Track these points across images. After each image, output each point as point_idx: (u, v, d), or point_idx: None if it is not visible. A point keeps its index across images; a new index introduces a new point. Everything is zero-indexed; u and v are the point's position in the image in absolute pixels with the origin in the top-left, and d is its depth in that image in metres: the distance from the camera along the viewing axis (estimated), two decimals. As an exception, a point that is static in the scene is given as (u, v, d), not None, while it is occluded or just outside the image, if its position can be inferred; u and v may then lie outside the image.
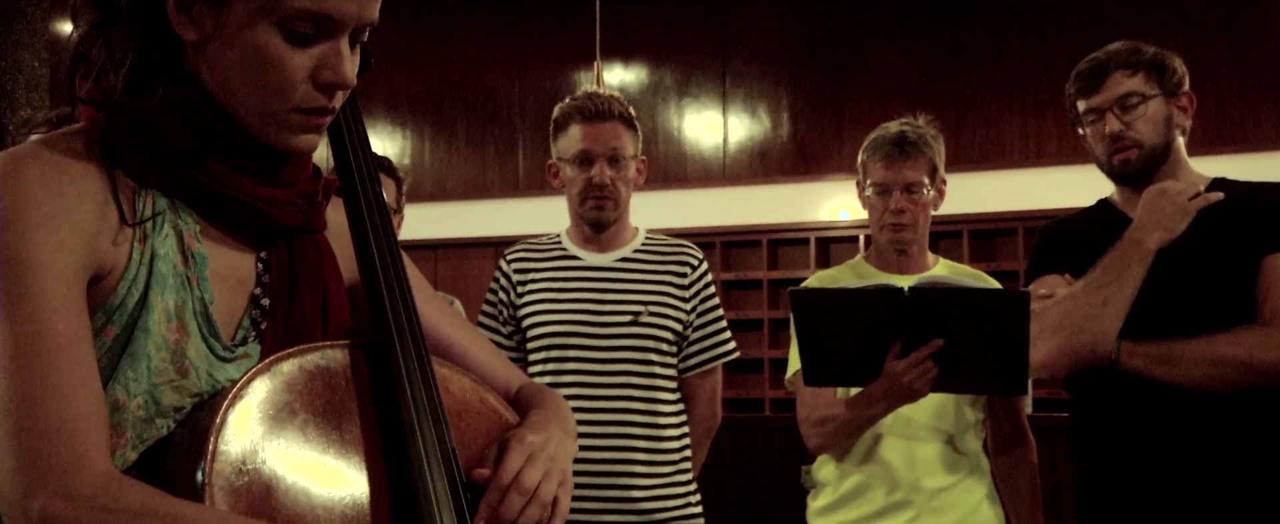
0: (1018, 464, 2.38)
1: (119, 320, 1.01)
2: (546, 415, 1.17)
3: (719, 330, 2.48)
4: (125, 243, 1.02)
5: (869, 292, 2.05)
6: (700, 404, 2.48)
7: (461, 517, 1.02)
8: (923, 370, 2.04)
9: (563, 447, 1.12)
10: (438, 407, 1.07)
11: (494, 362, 1.28)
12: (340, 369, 1.05)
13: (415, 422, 1.04)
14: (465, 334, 1.28)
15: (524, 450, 1.07)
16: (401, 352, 1.07)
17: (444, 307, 1.28)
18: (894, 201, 2.35)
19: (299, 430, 1.00)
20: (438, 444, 1.04)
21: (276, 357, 1.02)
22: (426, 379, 1.08)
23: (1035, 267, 2.19)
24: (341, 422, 1.03)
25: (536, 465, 1.07)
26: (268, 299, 1.10)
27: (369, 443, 1.03)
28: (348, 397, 1.04)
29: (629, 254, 2.46)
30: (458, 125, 7.06)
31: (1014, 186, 5.86)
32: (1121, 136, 2.09)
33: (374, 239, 1.13)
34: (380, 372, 1.07)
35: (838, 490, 2.33)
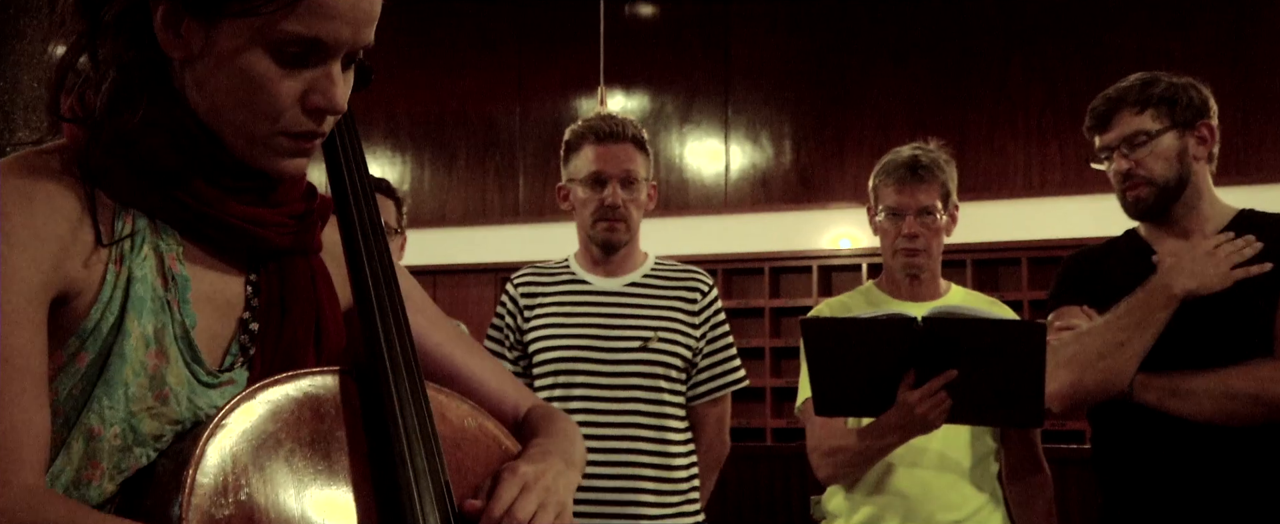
0: (1033, 494, 2.34)
1: (93, 346, 0.97)
2: (548, 445, 1.12)
3: (728, 358, 2.44)
4: (99, 264, 0.98)
5: (881, 321, 2.02)
6: (708, 433, 2.43)
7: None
8: (936, 401, 2.01)
9: (562, 477, 1.07)
10: (431, 435, 1.03)
11: (503, 384, 1.24)
12: (329, 396, 1.01)
13: (406, 451, 1.00)
14: (472, 357, 1.24)
15: (517, 482, 1.02)
16: (393, 377, 1.03)
17: (450, 329, 1.24)
18: (907, 226, 2.32)
19: (284, 461, 0.95)
20: (429, 475, 1.00)
21: (261, 384, 0.98)
22: (419, 406, 1.03)
23: (1057, 297, 2.16)
24: (330, 451, 0.98)
25: (531, 497, 1.02)
26: (257, 323, 1.06)
27: (359, 474, 0.99)
28: (337, 425, 1.00)
29: (638, 279, 2.42)
30: (458, 151, 7.04)
31: (1017, 216, 5.83)
32: (1131, 175, 2.07)
33: (367, 261, 1.08)
34: (371, 399, 1.02)
35: (850, 521, 2.28)
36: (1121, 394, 1.97)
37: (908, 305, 2.33)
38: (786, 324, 6.22)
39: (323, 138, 1.05)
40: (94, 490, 0.96)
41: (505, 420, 1.20)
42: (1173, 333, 1.97)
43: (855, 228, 6.31)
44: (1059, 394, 2.00)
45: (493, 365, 1.26)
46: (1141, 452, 2.03)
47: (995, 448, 2.31)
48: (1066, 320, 2.08)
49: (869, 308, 2.35)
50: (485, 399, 1.19)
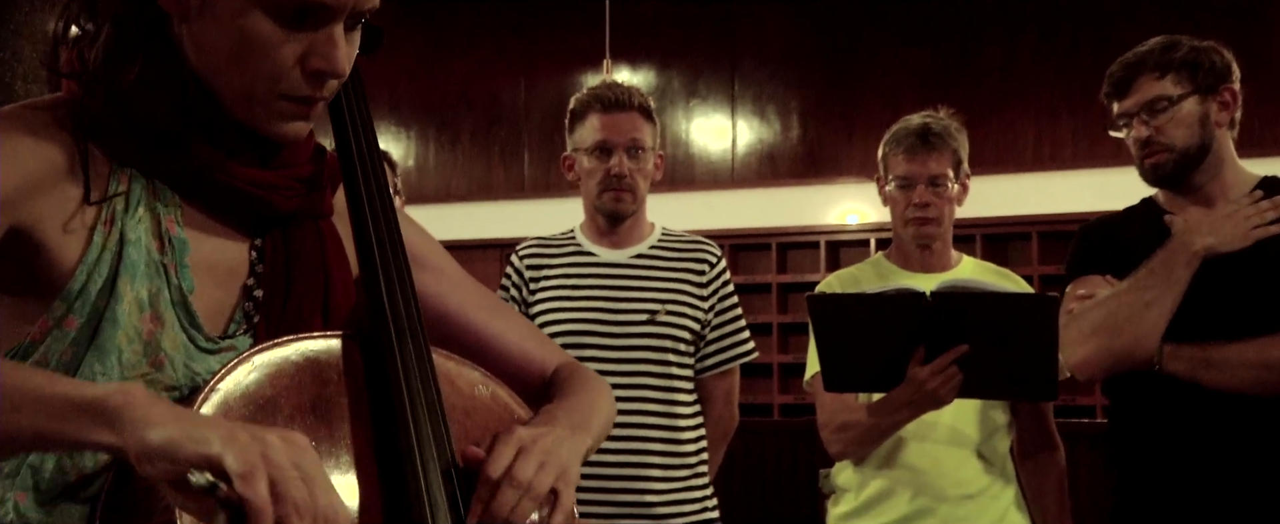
0: (1046, 469, 2.31)
1: (82, 310, 0.93)
2: (557, 411, 1.08)
3: (738, 330, 2.40)
4: (83, 225, 0.94)
5: (889, 296, 1.98)
6: (717, 405, 2.40)
7: (457, 515, 0.95)
8: (947, 377, 1.97)
9: (565, 442, 1.03)
10: (436, 401, 0.99)
11: (528, 343, 1.20)
12: (331, 361, 0.97)
13: (410, 418, 0.96)
14: (495, 317, 1.19)
15: (513, 443, 0.98)
16: (397, 342, 1.00)
17: (473, 290, 1.20)
18: (917, 196, 2.29)
19: (283, 427, 0.91)
20: (434, 442, 0.96)
21: (260, 347, 0.95)
22: (424, 372, 1.00)
23: (1075, 266, 2.12)
24: (331, 418, 0.95)
25: (530, 457, 0.98)
26: (261, 290, 1.03)
27: (361, 441, 0.95)
28: (339, 391, 0.96)
29: (645, 251, 2.38)
30: (462, 127, 7.00)
31: (1027, 190, 5.78)
32: (1151, 141, 2.02)
33: (373, 224, 1.05)
34: (375, 364, 0.99)
35: (859, 496, 2.25)
36: (1148, 362, 1.93)
37: (918, 277, 2.29)
38: (794, 300, 6.19)
39: (326, 102, 1.01)
40: (88, 459, 0.93)
41: (531, 381, 1.17)
42: (1197, 302, 1.93)
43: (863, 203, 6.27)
44: (1085, 363, 1.96)
45: (519, 325, 1.22)
46: (1162, 426, 1.99)
47: (1007, 422, 2.28)
48: (1087, 288, 2.04)
49: (878, 280, 2.32)
50: (509, 360, 1.16)
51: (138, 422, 0.77)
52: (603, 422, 1.15)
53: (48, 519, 0.91)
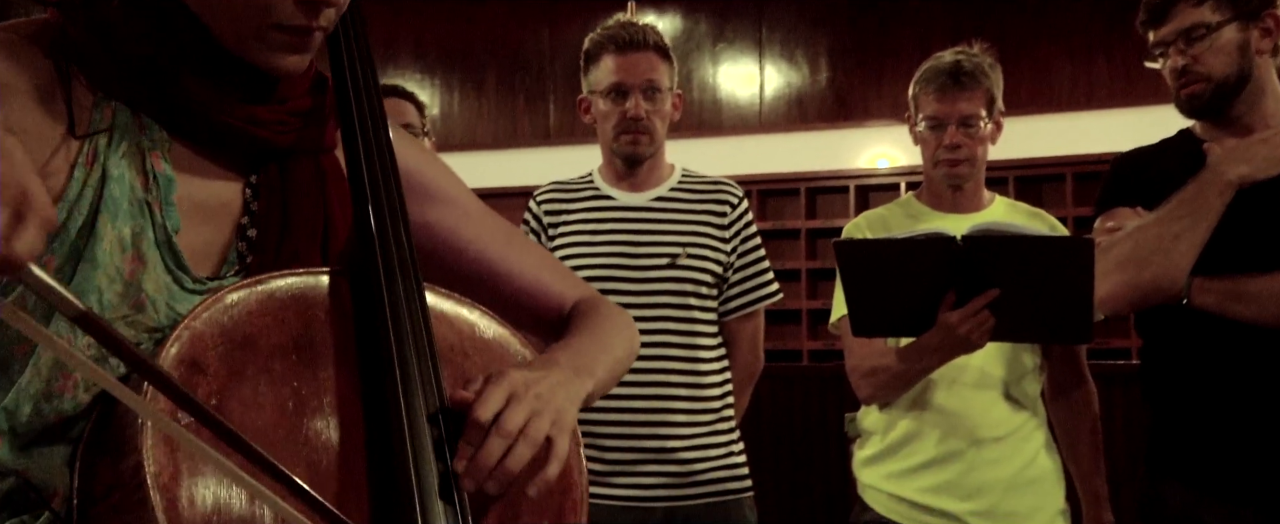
0: (1078, 412, 2.26)
1: (60, 250, 0.89)
2: (559, 353, 1.03)
3: (761, 271, 2.35)
4: (65, 159, 0.89)
5: (919, 241, 1.93)
6: (742, 349, 2.36)
7: (447, 466, 0.90)
8: (978, 321, 1.93)
9: (562, 386, 0.97)
10: (427, 341, 0.94)
11: (546, 275, 1.15)
12: (317, 298, 0.92)
13: (395, 358, 0.91)
14: (511, 248, 1.14)
15: (504, 388, 0.93)
16: (386, 279, 0.94)
17: (490, 221, 1.15)
18: (949, 136, 2.22)
19: (262, 365, 0.87)
20: (422, 383, 0.91)
21: (241, 282, 0.90)
22: (413, 310, 0.94)
23: (1105, 199, 2.05)
24: (315, 357, 0.90)
25: (521, 404, 0.92)
26: (255, 229, 0.98)
27: (346, 383, 0.91)
28: (324, 329, 0.92)
29: (665, 193, 2.34)
30: (487, 75, 6.94)
31: (1063, 131, 5.66)
32: (1187, 71, 1.94)
33: (366, 155, 1.00)
34: (364, 302, 0.94)
35: (886, 439, 2.22)
36: (1177, 296, 1.86)
37: (949, 218, 2.24)
38: (822, 246, 6.13)
39: (325, 33, 0.97)
40: (68, 402, 0.89)
41: (548, 315, 1.13)
42: (1230, 234, 1.86)
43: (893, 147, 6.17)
44: (1111, 297, 1.90)
45: (536, 257, 1.17)
46: (1194, 363, 1.93)
47: (1038, 364, 2.23)
48: (1116, 221, 1.98)
49: (908, 221, 2.26)
50: (525, 294, 1.12)
51: None
52: (615, 361, 1.09)
53: (27, 463, 0.88)
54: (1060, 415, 2.27)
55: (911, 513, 2.17)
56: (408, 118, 2.39)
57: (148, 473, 0.79)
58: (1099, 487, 2.22)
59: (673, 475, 2.22)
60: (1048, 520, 2.16)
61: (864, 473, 2.26)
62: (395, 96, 2.44)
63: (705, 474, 2.24)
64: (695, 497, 2.23)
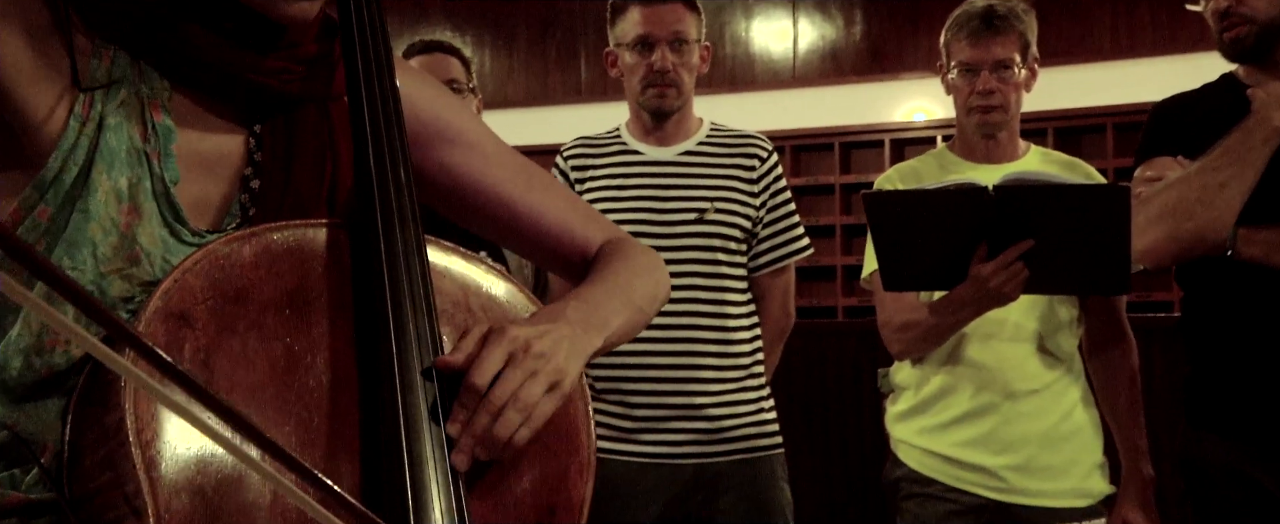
0: (1116, 365, 2.21)
1: (53, 200, 0.86)
2: (566, 307, 0.98)
3: (791, 226, 2.32)
4: (63, 106, 0.87)
5: (949, 192, 1.89)
6: (772, 305, 2.34)
7: (437, 419, 0.87)
8: (1012, 273, 1.88)
9: (564, 343, 0.92)
10: (425, 295, 0.90)
11: (571, 218, 1.11)
12: (315, 251, 0.89)
13: (392, 314, 0.87)
14: (534, 190, 1.11)
15: (503, 348, 0.88)
16: (384, 231, 0.91)
17: (512, 163, 1.11)
18: (981, 82, 2.17)
19: (253, 319, 0.84)
20: (418, 340, 0.88)
21: (235, 234, 0.87)
22: (413, 263, 0.91)
23: (1146, 147, 2.00)
24: (310, 313, 0.87)
25: (518, 367, 0.88)
26: (258, 181, 0.95)
27: (341, 339, 0.88)
28: (320, 283, 0.88)
29: (693, 147, 2.30)
30: (517, 31, 6.89)
31: (1103, 80, 5.53)
32: (1230, 13, 1.87)
33: (368, 102, 0.96)
34: (363, 255, 0.91)
35: (918, 394, 2.19)
36: (1221, 248, 1.81)
37: (982, 169, 2.19)
38: (857, 201, 6.05)
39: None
40: (60, 356, 0.88)
41: (572, 259, 1.10)
42: (1275, 182, 1.80)
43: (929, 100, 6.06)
44: (1152, 250, 1.85)
45: (560, 199, 1.13)
46: (1237, 314, 1.88)
47: (1075, 316, 2.18)
48: (1156, 171, 1.92)
49: (940, 172, 2.22)
50: (548, 236, 1.09)
51: None
52: (635, 308, 1.05)
53: (18, 417, 0.87)
54: (1098, 368, 2.23)
55: (945, 468, 2.14)
56: (452, 73, 2.35)
57: (129, 429, 0.78)
58: (1138, 440, 2.18)
59: (702, 432, 2.20)
60: (1085, 474, 2.13)
61: (897, 428, 2.24)
62: (440, 52, 2.40)
63: (735, 431, 2.22)
64: (725, 453, 2.22)
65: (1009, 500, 2.10)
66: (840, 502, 3.67)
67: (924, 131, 5.98)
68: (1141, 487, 2.15)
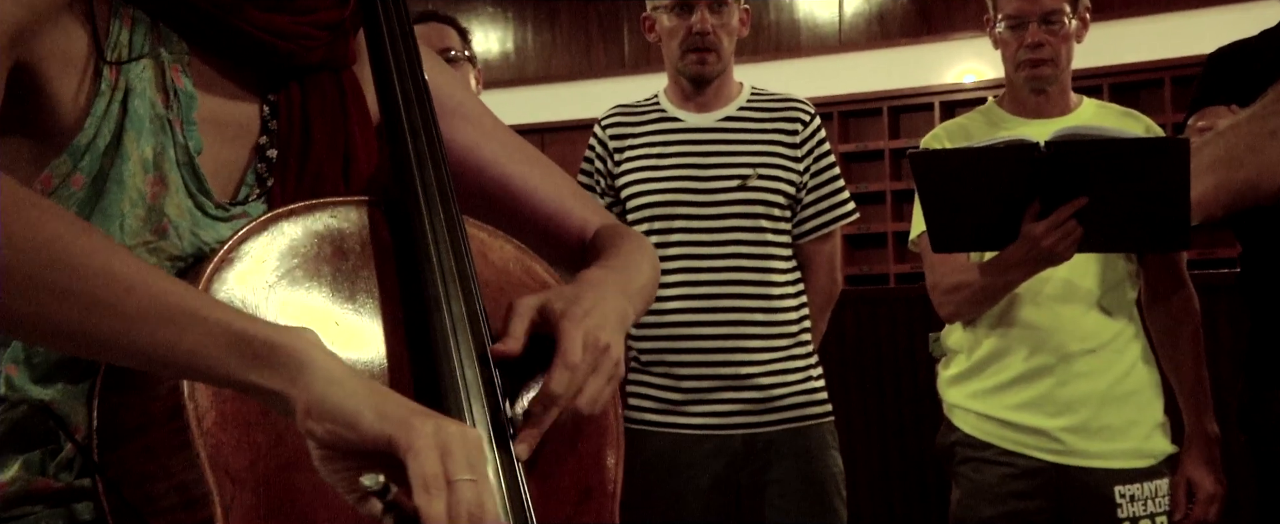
0: (1177, 317, 2.14)
1: (88, 168, 0.84)
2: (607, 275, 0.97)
3: (836, 191, 2.28)
4: (87, 72, 0.85)
5: (998, 149, 1.84)
6: (819, 272, 2.29)
7: (494, 404, 0.85)
8: (1065, 231, 1.83)
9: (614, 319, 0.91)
10: (469, 277, 0.89)
11: (566, 199, 1.09)
12: (353, 231, 0.88)
13: (442, 294, 0.86)
14: (532, 169, 1.09)
15: (588, 359, 0.86)
16: (427, 210, 0.89)
17: (510, 140, 1.09)
18: (1030, 35, 2.11)
19: (300, 300, 0.83)
20: (469, 322, 0.87)
21: (274, 214, 0.85)
22: (456, 243, 0.89)
23: (1200, 96, 1.92)
24: (354, 294, 0.86)
25: (601, 376, 0.87)
26: (275, 150, 0.93)
27: (388, 319, 0.87)
28: (362, 263, 0.87)
29: (734, 112, 2.26)
30: (560, 6, 6.87)
31: (1161, 33, 5.38)
32: None
33: (397, 75, 0.94)
34: (402, 234, 0.89)
35: (971, 357, 2.15)
36: (1273, 197, 1.74)
37: (1032, 124, 2.13)
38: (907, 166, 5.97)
39: None
40: None
41: (568, 240, 1.08)
42: None
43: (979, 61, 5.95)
44: (1203, 200, 1.78)
45: (557, 180, 1.11)
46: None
47: (1133, 270, 2.12)
48: (1209, 120, 1.85)
49: (990, 129, 2.16)
50: (546, 216, 1.07)
51: (315, 374, 0.70)
52: (647, 297, 1.03)
53: (51, 394, 0.85)
54: (1158, 323, 2.15)
55: (1000, 431, 2.09)
56: (448, 42, 2.33)
57: (189, 417, 0.76)
58: (1201, 396, 2.11)
59: (750, 402, 2.18)
60: (1146, 434, 2.07)
61: (950, 392, 2.19)
62: (436, 21, 2.38)
63: (784, 400, 2.19)
64: (774, 423, 2.19)
65: (1067, 463, 2.05)
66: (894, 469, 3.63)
67: (974, 93, 5.87)
68: (1206, 445, 2.08)
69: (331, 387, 0.70)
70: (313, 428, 0.71)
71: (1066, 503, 2.06)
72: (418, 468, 0.68)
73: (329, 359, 0.72)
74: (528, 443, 0.85)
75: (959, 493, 2.16)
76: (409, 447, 0.69)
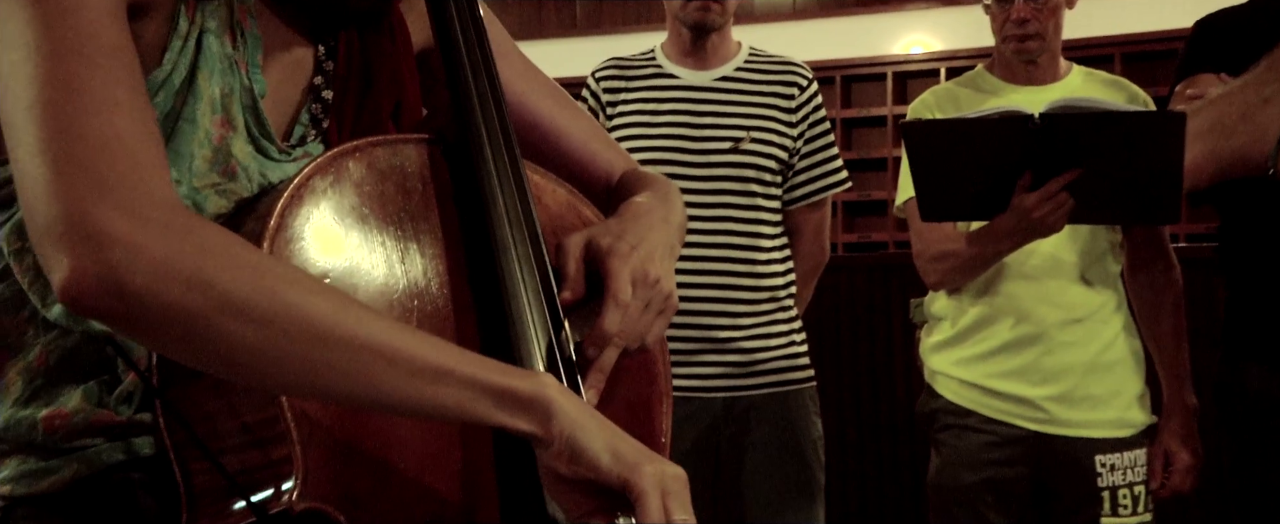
0: (1159, 287, 2.16)
1: (162, 105, 0.81)
2: (651, 211, 0.95)
3: (829, 159, 2.26)
4: (166, 13, 0.82)
5: (992, 121, 1.84)
6: (806, 240, 2.28)
7: (564, 349, 0.85)
8: (1057, 203, 1.84)
9: (661, 252, 0.91)
10: (533, 221, 0.88)
11: (594, 143, 1.07)
12: (415, 170, 0.86)
13: (509, 238, 0.85)
14: (562, 110, 1.06)
15: (640, 295, 0.87)
16: (491, 151, 0.87)
17: (539, 77, 1.07)
18: (1016, 10, 2.10)
19: (368, 239, 0.81)
20: (536, 264, 0.86)
21: (339, 150, 0.83)
22: (520, 186, 0.88)
23: (1187, 64, 1.93)
24: (418, 234, 0.84)
25: (652, 311, 0.89)
26: (330, 91, 0.91)
27: (452, 261, 0.85)
28: (426, 203, 0.85)
29: (730, 73, 2.23)
30: (511, -37, 6.75)
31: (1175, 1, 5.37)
32: None
33: (456, 8, 0.91)
34: (463, 176, 0.87)
35: (956, 325, 2.15)
36: (1263, 168, 1.75)
37: (1023, 91, 2.13)
38: (859, 135, 6.00)
39: None
40: None
41: (595, 185, 1.06)
42: None
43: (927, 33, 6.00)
44: (1192, 169, 1.79)
45: (584, 122, 1.09)
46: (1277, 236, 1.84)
47: (1116, 242, 2.14)
48: (1197, 88, 1.86)
49: (979, 97, 2.16)
50: (573, 159, 1.05)
51: (564, 419, 0.75)
52: (684, 227, 1.03)
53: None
54: (1141, 293, 2.18)
55: (983, 399, 2.11)
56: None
57: None
58: (1181, 368, 2.14)
59: (733, 365, 2.16)
60: (1127, 405, 2.10)
61: (933, 359, 2.20)
62: None
63: (766, 364, 2.18)
64: (755, 387, 2.18)
65: (1049, 432, 2.07)
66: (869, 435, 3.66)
67: (925, 64, 5.90)
68: (1184, 416, 2.12)
69: (578, 431, 0.75)
70: (557, 467, 0.76)
71: (1046, 471, 2.09)
72: (645, 514, 0.75)
73: (569, 402, 0.76)
74: (596, 388, 0.86)
75: (938, 460, 2.17)
76: (641, 493, 0.75)
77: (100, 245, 0.65)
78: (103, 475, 0.81)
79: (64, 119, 0.69)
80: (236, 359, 0.68)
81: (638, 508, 0.74)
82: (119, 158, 0.69)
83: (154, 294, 0.65)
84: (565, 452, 0.75)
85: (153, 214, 0.67)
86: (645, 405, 0.96)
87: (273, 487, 0.73)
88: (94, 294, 0.65)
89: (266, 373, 0.70)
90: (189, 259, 0.66)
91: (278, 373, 0.70)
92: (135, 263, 0.65)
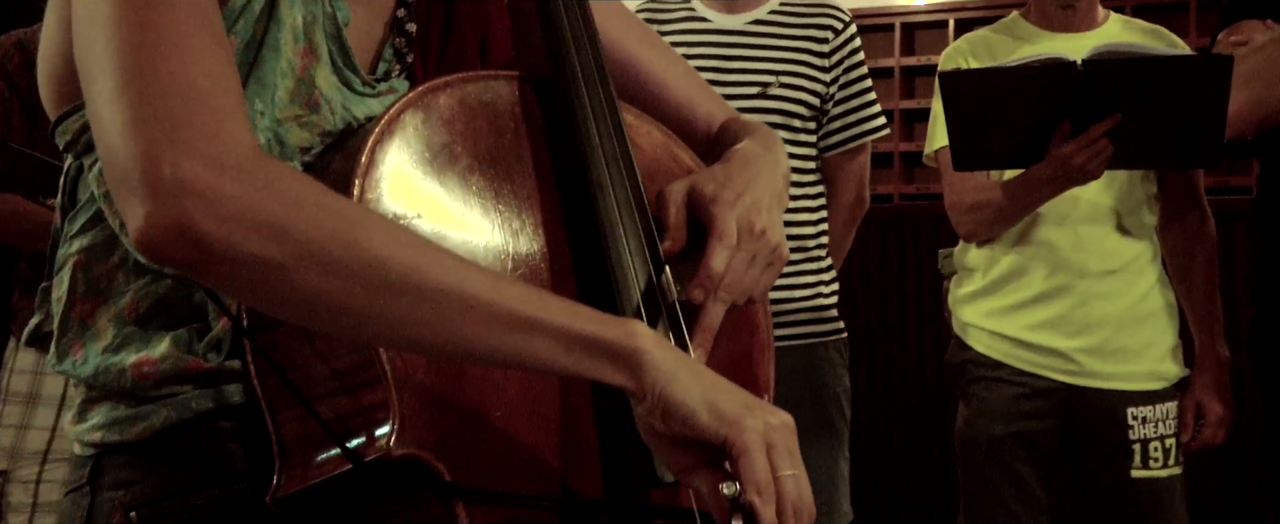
0: (1193, 241, 2.14)
1: (243, 31, 0.78)
2: (748, 157, 0.91)
3: (866, 104, 2.21)
4: None
5: (1034, 69, 1.81)
6: (845, 188, 2.24)
7: (667, 298, 0.81)
8: (1097, 149, 1.81)
9: (767, 201, 0.88)
10: (631, 161, 0.84)
11: (694, 91, 1.03)
12: (507, 107, 0.83)
13: (607, 178, 0.82)
14: (659, 55, 1.02)
15: (733, 227, 0.83)
16: (587, 90, 0.84)
17: (636, 23, 1.03)
18: None
19: (461, 178, 0.78)
20: (636, 208, 0.82)
21: (429, 86, 0.80)
22: (617, 125, 0.85)
23: (1231, 10, 1.90)
24: (512, 173, 0.81)
25: (759, 263, 0.86)
26: (413, 24, 0.88)
27: (547, 202, 0.82)
28: (519, 142, 0.82)
29: (763, 16, 2.17)
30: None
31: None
32: None
33: None
34: (557, 115, 0.84)
35: (988, 275, 2.13)
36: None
37: (1059, 38, 2.09)
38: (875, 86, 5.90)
39: None
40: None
41: (696, 134, 1.02)
42: None
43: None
44: (1235, 117, 1.78)
45: (682, 69, 1.04)
46: None
47: (1152, 193, 2.11)
48: (1242, 34, 1.83)
49: (1014, 44, 2.12)
50: (672, 107, 1.01)
51: (657, 372, 0.71)
52: (788, 177, 0.99)
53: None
54: (1174, 245, 2.16)
55: (1015, 351, 2.09)
56: None
57: None
58: (1213, 320, 2.12)
59: (759, 317, 2.13)
60: (1159, 357, 2.08)
61: (963, 310, 2.17)
62: None
63: (792, 316, 2.15)
64: (781, 338, 2.14)
65: (1082, 384, 2.06)
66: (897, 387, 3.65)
67: (934, 14, 5.81)
68: (1217, 369, 2.10)
69: (672, 384, 0.71)
70: (653, 422, 0.72)
71: (1077, 424, 2.07)
72: (750, 472, 0.71)
73: (663, 353, 0.72)
74: (703, 348, 0.82)
75: (967, 411, 2.15)
76: (743, 450, 0.71)
77: (175, 193, 0.63)
78: (192, 423, 0.79)
79: (140, 63, 0.67)
80: (317, 311, 0.67)
81: (742, 466, 0.71)
82: (195, 103, 0.66)
83: (230, 244, 0.63)
84: (658, 407, 0.71)
85: (229, 161, 0.65)
86: (747, 356, 0.92)
87: (367, 433, 0.70)
88: (169, 243, 0.63)
89: (348, 324, 0.68)
90: (267, 208, 0.64)
91: (359, 325, 0.68)
92: (211, 211, 0.63)
